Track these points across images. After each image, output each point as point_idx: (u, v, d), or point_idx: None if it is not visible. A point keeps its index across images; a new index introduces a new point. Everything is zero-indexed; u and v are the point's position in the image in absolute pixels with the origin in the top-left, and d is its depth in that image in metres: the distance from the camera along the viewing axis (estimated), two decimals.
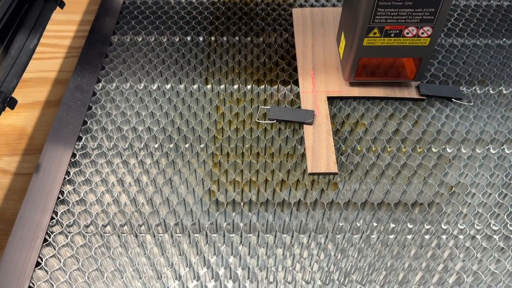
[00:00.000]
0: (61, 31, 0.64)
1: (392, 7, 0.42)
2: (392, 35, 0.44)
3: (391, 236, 0.40)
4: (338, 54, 0.52)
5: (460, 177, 0.43)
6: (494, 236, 0.39)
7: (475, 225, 0.40)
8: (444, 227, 0.40)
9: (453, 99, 0.49)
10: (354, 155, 0.44)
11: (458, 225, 0.40)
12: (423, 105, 0.49)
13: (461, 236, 0.39)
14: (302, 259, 0.38)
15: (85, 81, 0.50)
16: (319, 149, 0.44)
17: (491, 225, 0.40)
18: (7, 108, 0.42)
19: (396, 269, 0.38)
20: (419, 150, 0.45)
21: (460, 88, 0.51)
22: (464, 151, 0.45)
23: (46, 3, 0.51)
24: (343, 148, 0.45)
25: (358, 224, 0.40)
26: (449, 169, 0.44)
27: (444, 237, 0.40)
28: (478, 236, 0.39)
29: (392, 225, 0.40)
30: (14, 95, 0.43)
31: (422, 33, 0.44)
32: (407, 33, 0.44)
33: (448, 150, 0.45)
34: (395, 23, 0.43)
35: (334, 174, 0.42)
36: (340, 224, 0.40)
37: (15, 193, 0.47)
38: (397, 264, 0.38)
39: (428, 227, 0.40)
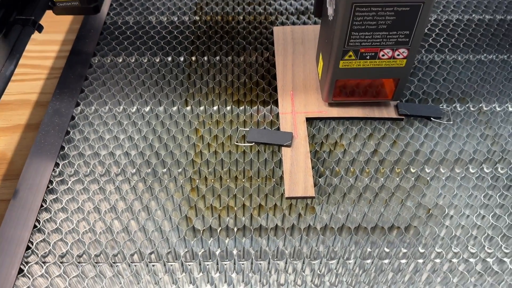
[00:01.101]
0: (44, 51, 0.64)
1: (366, 30, 0.42)
2: (368, 57, 0.44)
3: (368, 261, 0.39)
4: (318, 73, 0.52)
5: (438, 199, 0.43)
6: (471, 260, 0.39)
7: (452, 248, 0.40)
8: (421, 251, 0.40)
9: (432, 118, 0.49)
10: (332, 177, 0.44)
11: (436, 248, 0.40)
12: (402, 124, 0.49)
13: (438, 260, 0.39)
14: (279, 286, 0.38)
15: (64, 105, 0.50)
16: (297, 172, 0.44)
17: (469, 248, 0.40)
18: None
19: None
20: (397, 171, 0.45)
21: (440, 106, 0.51)
22: (442, 171, 0.45)
23: (23, 28, 0.50)
24: (322, 170, 0.45)
25: (336, 249, 0.40)
26: (427, 191, 0.44)
27: (421, 261, 0.39)
28: (455, 260, 0.39)
29: (369, 250, 0.40)
30: None
31: (398, 55, 0.44)
32: (383, 55, 0.44)
33: (427, 171, 0.45)
34: (370, 45, 0.43)
35: (312, 198, 0.42)
36: (318, 249, 0.40)
37: None
38: None
39: (405, 250, 0.40)
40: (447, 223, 0.41)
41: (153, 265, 0.39)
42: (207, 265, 0.39)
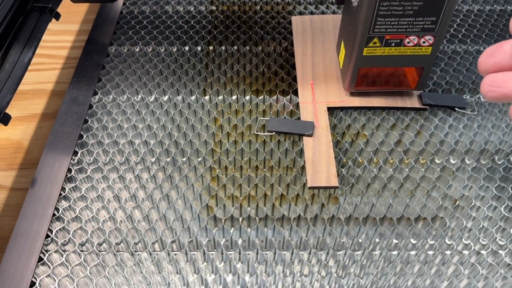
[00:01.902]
0: (59, 42, 0.63)
1: (392, 16, 0.41)
2: (393, 44, 0.43)
3: (394, 252, 0.39)
4: (338, 63, 0.51)
5: (464, 190, 0.42)
6: (500, 252, 0.38)
7: (480, 240, 0.39)
8: (449, 243, 0.39)
9: (456, 109, 0.48)
10: (355, 167, 0.43)
11: (463, 240, 0.39)
12: (426, 114, 0.48)
13: (465, 252, 0.38)
14: (302, 276, 0.37)
15: (82, 94, 0.49)
16: (319, 162, 0.43)
17: (497, 240, 0.39)
18: (0, 124, 0.41)
19: (399, 287, 0.37)
20: (422, 162, 0.44)
21: (464, 96, 0.50)
22: (468, 162, 0.44)
23: (41, 15, 0.50)
24: (344, 160, 0.44)
25: (360, 240, 0.39)
26: (453, 182, 0.43)
27: (448, 252, 0.38)
28: (483, 252, 0.38)
29: (395, 241, 0.39)
30: (11, 107, 0.42)
31: (424, 42, 0.43)
32: (408, 42, 0.43)
33: (452, 162, 0.44)
34: (396, 32, 0.42)
35: (335, 188, 0.41)
36: (342, 240, 0.39)
37: (11, 209, 0.46)
38: (400, 282, 0.37)
39: (432, 242, 0.39)
40: (474, 214, 0.40)
41: (175, 254, 0.38)
42: (230, 255, 0.38)
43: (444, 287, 0.37)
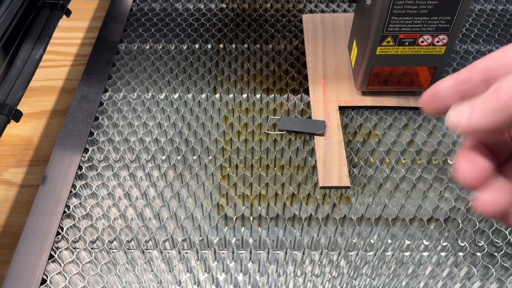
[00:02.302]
0: (68, 39, 0.63)
1: (406, 15, 0.41)
2: (406, 43, 0.43)
3: (406, 253, 0.38)
4: (350, 62, 0.51)
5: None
6: None
7: (494, 242, 0.39)
8: (461, 244, 0.39)
9: None
10: (367, 167, 0.43)
11: (476, 241, 0.39)
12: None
13: (478, 254, 0.38)
14: (314, 277, 0.37)
15: (92, 91, 0.49)
16: (331, 161, 0.42)
17: (511, 241, 0.38)
18: (12, 121, 0.41)
19: None
20: (434, 162, 0.44)
21: None
22: None
23: (52, 12, 0.50)
24: (356, 160, 0.44)
25: (372, 241, 0.39)
26: None
27: (461, 254, 0.38)
28: (496, 254, 0.38)
29: (408, 242, 0.39)
30: (20, 104, 0.42)
31: (438, 42, 0.43)
32: (422, 42, 0.43)
33: None
34: (410, 31, 0.42)
35: (347, 188, 0.41)
36: (353, 240, 0.39)
37: (21, 206, 0.46)
38: (413, 283, 0.36)
39: (444, 244, 0.38)
40: None
41: (186, 253, 0.38)
42: (241, 254, 0.38)
43: None
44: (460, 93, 0.24)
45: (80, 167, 0.43)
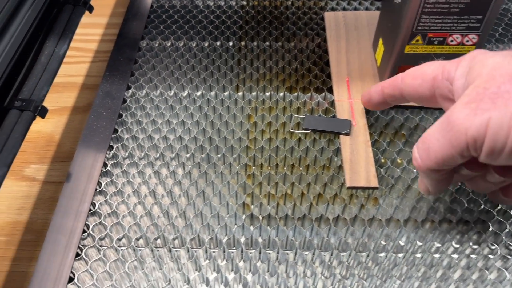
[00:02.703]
0: (88, 35, 0.63)
1: (437, 14, 0.40)
2: (436, 42, 0.42)
3: (436, 255, 0.38)
4: (375, 60, 0.50)
5: None
6: None
7: None
8: (492, 247, 0.38)
9: None
10: (394, 167, 0.42)
11: (507, 244, 0.38)
12: None
13: (510, 257, 0.37)
14: (343, 279, 0.37)
15: (115, 88, 0.49)
16: (358, 161, 0.42)
17: None
18: (37, 117, 0.41)
19: None
20: None
21: None
22: None
23: (75, 7, 0.50)
24: (382, 160, 0.44)
25: (401, 243, 0.38)
26: None
27: (492, 257, 0.37)
28: None
29: (437, 244, 0.38)
30: None
31: (467, 41, 0.42)
32: (451, 41, 0.42)
33: None
34: (439, 30, 0.41)
35: (375, 188, 0.40)
36: (383, 242, 0.38)
37: (44, 203, 0.46)
38: (443, 287, 0.36)
39: (475, 246, 0.38)
40: None
41: (213, 252, 0.38)
42: (268, 253, 0.38)
43: None
44: (386, 101, 0.40)
45: (105, 164, 0.43)
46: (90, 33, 0.63)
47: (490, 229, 0.38)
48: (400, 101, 0.39)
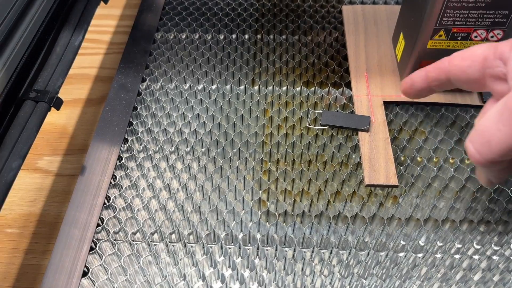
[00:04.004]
0: (102, 26, 0.62)
1: (462, 8, 0.39)
2: (459, 38, 0.41)
3: (457, 256, 0.37)
4: (395, 55, 0.49)
5: None
6: None
7: None
8: None
9: None
10: (414, 166, 0.41)
11: None
12: None
13: None
14: (361, 278, 0.36)
15: (130, 80, 0.48)
16: (377, 158, 0.41)
17: None
18: (52, 108, 0.41)
19: None
20: None
21: None
22: None
23: None
24: (402, 158, 0.43)
25: (421, 243, 0.37)
26: None
27: None
28: None
29: (458, 245, 0.37)
30: None
31: (492, 37, 0.41)
32: (475, 37, 0.41)
33: None
34: (464, 25, 0.40)
35: (394, 186, 0.40)
36: (402, 242, 0.37)
37: (57, 195, 0.46)
38: None
39: (496, 248, 0.37)
40: None
41: (228, 248, 0.37)
42: (285, 251, 0.37)
43: None
44: (430, 87, 0.36)
45: (119, 158, 0.42)
46: (105, 25, 0.62)
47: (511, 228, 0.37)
48: (445, 86, 0.36)
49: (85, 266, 0.36)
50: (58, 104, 0.41)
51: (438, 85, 0.36)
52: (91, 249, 0.37)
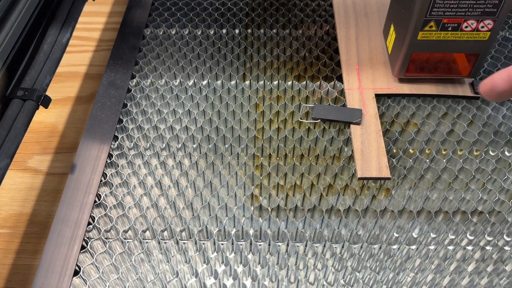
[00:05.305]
0: (91, 23, 0.62)
1: None
2: (450, 28, 0.41)
3: (450, 247, 0.37)
4: (386, 47, 0.49)
5: None
6: None
7: None
8: (507, 239, 0.37)
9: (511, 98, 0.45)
10: (406, 158, 0.41)
11: None
12: (478, 103, 0.45)
13: None
14: (355, 271, 0.36)
15: (119, 77, 0.48)
16: (369, 151, 0.41)
17: None
18: (40, 106, 0.40)
19: (457, 284, 0.35)
20: (476, 153, 0.42)
21: None
22: None
23: None
24: (394, 150, 0.42)
25: (414, 235, 0.37)
26: (510, 174, 0.40)
27: (507, 248, 0.36)
28: None
29: (451, 236, 0.37)
30: None
31: (482, 27, 0.41)
32: (466, 27, 0.41)
33: (507, 154, 0.42)
34: (454, 15, 0.40)
35: (387, 179, 0.39)
36: (395, 234, 0.37)
37: (47, 194, 0.45)
38: (458, 279, 0.35)
39: (489, 238, 0.37)
40: None
41: (221, 244, 0.37)
42: (278, 246, 0.37)
43: (504, 285, 0.35)
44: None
45: (110, 155, 0.42)
46: (93, 22, 0.62)
47: (506, 219, 0.37)
48: None
49: (77, 265, 0.36)
50: (46, 102, 0.40)
51: None
52: (83, 247, 0.37)
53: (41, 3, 0.45)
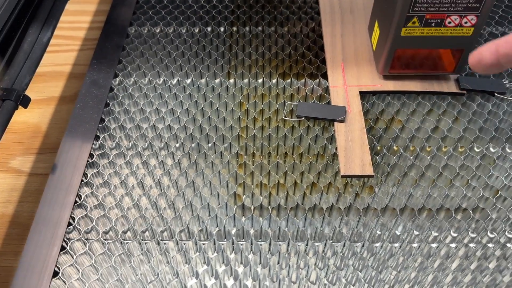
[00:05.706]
0: (75, 22, 0.61)
1: None
2: (433, 24, 0.41)
3: (434, 245, 0.36)
4: (371, 44, 0.48)
5: (506, 179, 0.40)
6: None
7: None
8: (491, 236, 0.37)
9: (495, 94, 0.45)
10: (390, 155, 0.41)
11: (506, 233, 0.37)
12: (463, 100, 0.45)
13: (510, 245, 0.36)
14: (338, 270, 0.35)
15: (102, 76, 0.47)
16: (353, 149, 0.41)
17: None
18: (20, 107, 0.40)
19: (440, 282, 0.35)
20: (460, 150, 0.42)
21: (503, 81, 0.47)
22: (509, 151, 0.42)
23: None
24: (378, 147, 0.42)
25: (397, 232, 0.37)
26: (494, 171, 0.40)
27: (491, 245, 0.36)
28: None
29: (435, 233, 0.37)
30: (28, 90, 0.41)
31: (466, 23, 0.41)
32: (449, 23, 0.41)
33: (492, 150, 0.42)
34: (437, 11, 0.40)
35: (370, 176, 0.39)
36: (378, 232, 0.37)
37: (30, 195, 0.45)
38: (441, 277, 0.35)
39: (473, 235, 0.37)
40: None
41: (202, 244, 0.36)
42: (260, 245, 0.36)
43: (487, 283, 0.35)
44: (499, 62, 0.31)
45: (91, 155, 0.41)
46: (78, 21, 0.61)
47: (490, 216, 0.37)
48: None
49: (56, 266, 0.35)
50: (25, 102, 0.40)
51: (508, 61, 0.32)
52: (63, 248, 0.36)
53: (21, 2, 0.44)
